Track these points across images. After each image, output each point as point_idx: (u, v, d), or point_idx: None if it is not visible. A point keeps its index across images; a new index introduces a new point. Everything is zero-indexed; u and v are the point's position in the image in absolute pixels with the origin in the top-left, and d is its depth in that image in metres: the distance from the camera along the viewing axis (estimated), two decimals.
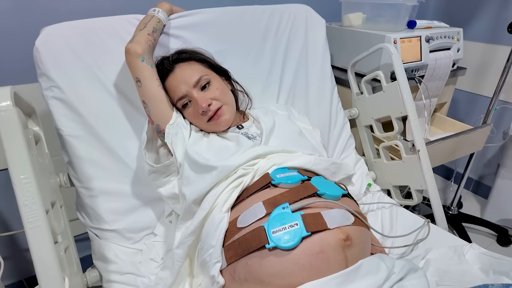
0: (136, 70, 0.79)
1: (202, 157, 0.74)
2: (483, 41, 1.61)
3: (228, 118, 0.83)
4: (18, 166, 0.54)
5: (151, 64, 0.80)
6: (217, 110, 0.81)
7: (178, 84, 0.81)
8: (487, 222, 1.60)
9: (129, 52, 0.78)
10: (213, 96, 0.81)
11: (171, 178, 0.81)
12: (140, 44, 0.79)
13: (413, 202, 1.07)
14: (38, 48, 0.79)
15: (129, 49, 0.78)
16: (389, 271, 0.56)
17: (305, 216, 0.59)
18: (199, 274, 0.71)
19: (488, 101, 1.37)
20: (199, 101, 0.79)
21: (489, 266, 0.69)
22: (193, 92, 0.80)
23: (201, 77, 0.81)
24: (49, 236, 0.54)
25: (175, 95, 0.82)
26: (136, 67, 0.79)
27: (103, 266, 0.80)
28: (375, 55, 1.12)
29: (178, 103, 0.83)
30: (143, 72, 0.78)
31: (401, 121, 1.07)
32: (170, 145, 0.78)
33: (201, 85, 0.81)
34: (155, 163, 0.79)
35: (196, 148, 0.77)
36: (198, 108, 0.79)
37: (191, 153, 0.76)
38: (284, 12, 1.10)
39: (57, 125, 0.83)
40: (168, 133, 0.78)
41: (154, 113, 0.80)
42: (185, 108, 0.83)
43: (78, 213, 0.89)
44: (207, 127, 0.84)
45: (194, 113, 0.82)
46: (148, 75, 0.79)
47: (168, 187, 0.81)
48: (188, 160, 0.76)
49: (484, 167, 1.81)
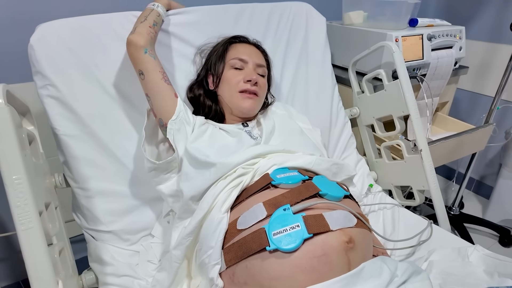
0: (138, 63, 0.78)
1: (202, 153, 0.73)
2: (485, 40, 1.59)
3: (253, 108, 0.85)
4: (10, 166, 0.52)
5: (154, 56, 0.79)
6: (254, 92, 0.84)
7: (248, 53, 0.87)
8: (489, 223, 1.58)
9: (132, 44, 0.77)
10: (260, 85, 0.86)
11: (172, 174, 0.79)
12: (142, 35, 0.77)
13: (415, 202, 1.06)
14: (32, 46, 0.77)
15: (131, 40, 0.77)
16: (392, 274, 0.54)
17: (306, 218, 0.58)
18: (197, 275, 0.69)
19: (490, 101, 1.36)
20: (253, 73, 0.84)
21: (494, 268, 0.67)
22: (253, 66, 0.86)
23: (264, 66, 0.89)
24: (42, 238, 0.52)
25: (237, 55, 0.86)
26: (139, 59, 0.77)
27: (99, 268, 0.79)
28: (376, 54, 1.10)
29: (232, 61, 0.85)
30: (146, 64, 0.77)
31: (402, 120, 1.05)
32: (172, 141, 0.77)
33: (259, 72, 0.87)
34: (156, 160, 0.77)
35: (196, 145, 0.76)
36: (246, 76, 0.83)
37: (190, 149, 0.74)
38: (284, 10, 1.09)
39: (52, 124, 0.81)
40: (170, 129, 0.77)
41: (157, 107, 0.78)
42: (233, 69, 0.85)
43: (74, 214, 0.88)
44: (232, 96, 0.84)
45: (236, 77, 0.84)
46: (151, 67, 0.77)
47: (168, 184, 0.80)
48: (188, 156, 0.75)
49: (486, 167, 1.80)
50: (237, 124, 0.86)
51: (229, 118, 0.88)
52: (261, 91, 0.87)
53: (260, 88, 0.86)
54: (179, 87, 0.93)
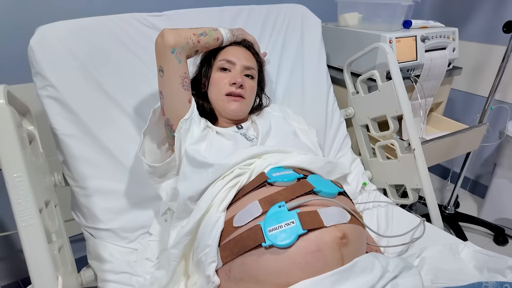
0: (161, 59, 0.76)
1: (200, 154, 0.74)
2: (479, 41, 1.62)
3: (239, 110, 0.84)
4: (11, 164, 0.54)
5: (180, 60, 0.76)
6: (239, 95, 0.83)
7: (236, 54, 0.85)
8: (483, 222, 1.60)
9: (162, 37, 0.75)
10: (246, 87, 0.85)
11: (170, 174, 0.81)
12: (177, 35, 0.75)
13: (409, 201, 1.07)
14: (32, 47, 0.79)
15: (163, 34, 0.75)
16: (384, 269, 0.55)
17: (301, 214, 0.59)
18: (194, 273, 0.70)
19: (484, 101, 1.38)
20: (238, 76, 0.83)
21: (484, 264, 0.69)
22: (240, 68, 0.84)
23: (253, 68, 0.87)
24: (42, 235, 0.53)
25: (225, 56, 0.84)
26: (163, 56, 0.76)
27: (98, 265, 0.80)
28: (371, 55, 1.12)
29: (220, 63, 0.84)
30: (168, 64, 0.76)
31: (396, 120, 1.07)
32: (178, 139, 0.77)
33: (247, 73, 0.86)
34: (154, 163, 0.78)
35: (196, 146, 0.77)
36: (231, 79, 0.82)
37: (189, 150, 0.76)
38: (280, 12, 1.10)
39: (51, 124, 0.82)
40: (180, 127, 0.77)
41: (168, 107, 0.78)
42: (221, 71, 0.85)
43: (73, 212, 0.89)
44: (219, 99, 0.84)
45: (222, 80, 0.84)
46: (173, 69, 0.76)
47: (167, 183, 0.81)
48: (187, 156, 0.76)
49: (480, 167, 1.82)
50: (232, 126, 0.87)
51: (221, 120, 0.88)
52: (248, 94, 0.86)
53: (246, 91, 0.85)
54: None
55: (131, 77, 0.90)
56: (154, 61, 0.90)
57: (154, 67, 0.91)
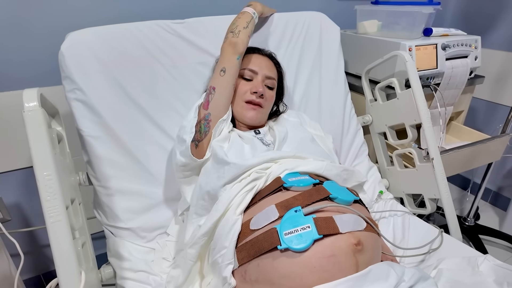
0: (227, 62, 0.85)
1: (222, 150, 0.77)
2: (502, 49, 1.58)
3: (255, 118, 0.88)
4: (42, 163, 0.57)
5: (239, 64, 0.87)
6: (258, 104, 0.88)
7: (260, 64, 0.91)
8: (505, 235, 1.55)
9: (233, 46, 0.85)
10: (266, 97, 0.89)
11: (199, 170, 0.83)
12: (243, 44, 0.87)
13: (427, 211, 1.05)
14: (63, 52, 0.82)
15: (235, 43, 0.85)
16: (399, 279, 0.55)
17: (317, 220, 0.60)
18: (209, 273, 0.71)
19: (507, 110, 1.34)
20: (260, 85, 0.88)
21: (504, 278, 0.67)
22: (262, 78, 0.89)
23: (274, 79, 0.92)
24: (68, 231, 0.56)
25: (248, 65, 0.90)
26: (230, 61, 0.85)
27: (117, 263, 0.82)
28: (390, 62, 1.12)
29: (243, 71, 0.89)
30: (232, 68, 0.85)
31: (415, 128, 1.06)
32: (213, 136, 0.82)
33: (268, 84, 0.91)
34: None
35: (220, 143, 0.80)
36: (253, 87, 0.87)
37: (215, 144, 0.79)
38: (299, 19, 1.11)
39: (78, 125, 0.86)
40: (217, 126, 0.82)
41: (215, 103, 0.83)
42: (243, 79, 0.90)
43: (95, 210, 0.92)
44: (238, 105, 0.88)
45: (244, 87, 0.88)
46: (234, 72, 0.85)
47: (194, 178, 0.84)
48: (212, 150, 0.79)
49: (503, 178, 1.76)
50: (249, 131, 0.89)
51: (239, 125, 0.91)
52: (267, 103, 0.90)
53: (265, 100, 0.89)
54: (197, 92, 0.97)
55: (153, 82, 0.93)
56: (175, 66, 0.95)
57: (175, 72, 0.95)
